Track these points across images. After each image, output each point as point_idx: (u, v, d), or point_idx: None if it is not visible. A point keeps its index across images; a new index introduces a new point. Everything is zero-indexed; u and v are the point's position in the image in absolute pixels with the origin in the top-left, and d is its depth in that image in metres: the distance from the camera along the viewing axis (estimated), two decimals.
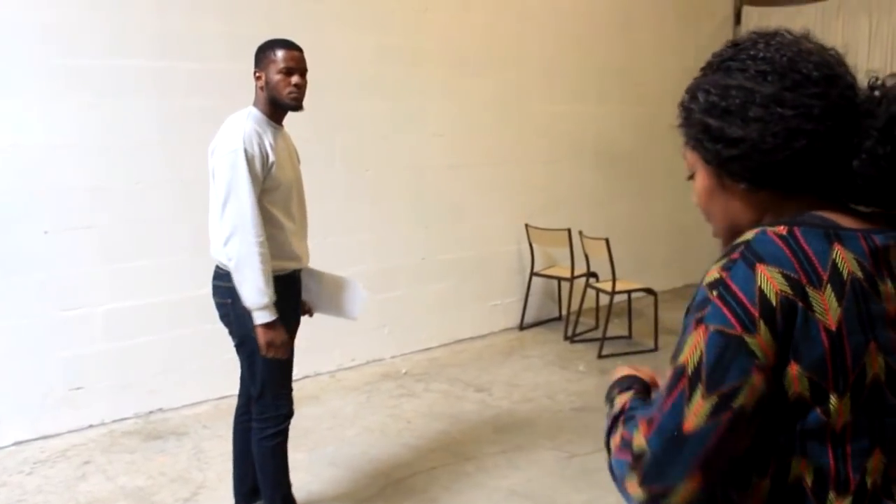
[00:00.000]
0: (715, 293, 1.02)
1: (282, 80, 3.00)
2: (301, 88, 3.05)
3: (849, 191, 1.11)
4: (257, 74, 3.05)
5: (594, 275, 6.15)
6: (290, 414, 3.27)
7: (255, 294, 2.90)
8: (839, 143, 1.06)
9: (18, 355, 4.17)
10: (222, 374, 4.75)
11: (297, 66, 3.04)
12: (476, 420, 4.60)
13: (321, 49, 4.91)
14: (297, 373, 4.23)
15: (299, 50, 3.07)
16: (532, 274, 6.35)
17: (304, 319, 3.37)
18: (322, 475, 3.90)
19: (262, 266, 2.89)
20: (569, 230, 5.98)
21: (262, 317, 2.93)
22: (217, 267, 3.11)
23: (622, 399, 1.18)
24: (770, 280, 1.00)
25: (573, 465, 4.05)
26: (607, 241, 5.67)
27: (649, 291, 5.96)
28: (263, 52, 3.06)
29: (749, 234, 1.06)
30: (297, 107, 3.06)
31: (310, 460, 4.05)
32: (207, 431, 4.37)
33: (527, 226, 6.26)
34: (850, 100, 1.07)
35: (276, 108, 3.06)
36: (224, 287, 3.04)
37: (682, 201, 7.72)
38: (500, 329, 6.35)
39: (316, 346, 4.87)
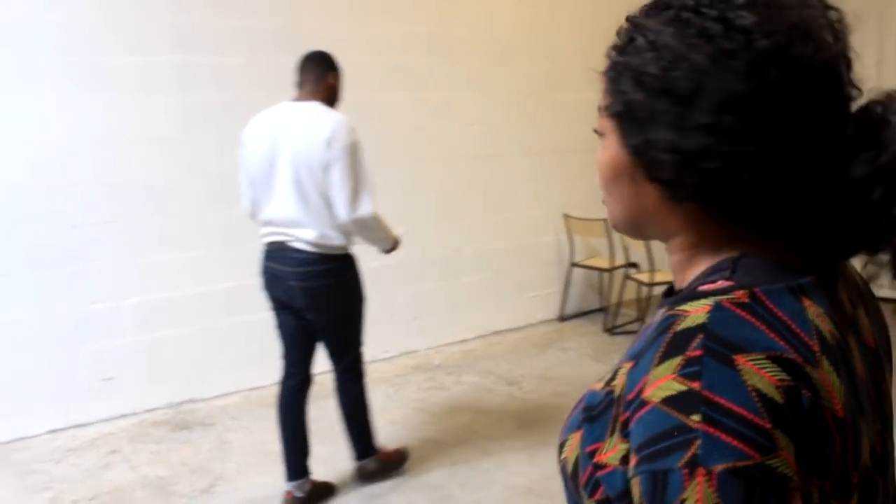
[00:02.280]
0: (697, 417, 0.68)
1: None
2: None
3: (789, 228, 0.81)
4: (333, 78, 3.37)
5: (634, 265, 6.03)
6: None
7: (394, 239, 3.52)
8: (802, 185, 0.77)
9: (51, 347, 4.27)
10: (252, 365, 4.82)
11: None
12: (502, 414, 4.55)
13: (347, 39, 4.91)
14: (328, 366, 4.28)
15: None
16: (571, 264, 6.26)
17: None
18: (339, 468, 3.89)
19: (384, 224, 3.42)
20: (607, 220, 5.85)
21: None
22: (309, 253, 3.26)
23: None
24: (762, 373, 0.69)
25: None
26: None
27: None
28: (337, 65, 3.42)
29: (697, 313, 0.73)
30: None
31: (329, 454, 4.05)
32: (233, 423, 4.43)
33: (565, 216, 6.16)
34: (842, 123, 0.77)
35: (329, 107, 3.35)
36: (328, 270, 3.30)
37: None
38: (539, 321, 6.28)
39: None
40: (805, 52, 0.74)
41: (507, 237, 6.01)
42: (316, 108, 3.25)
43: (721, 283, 0.76)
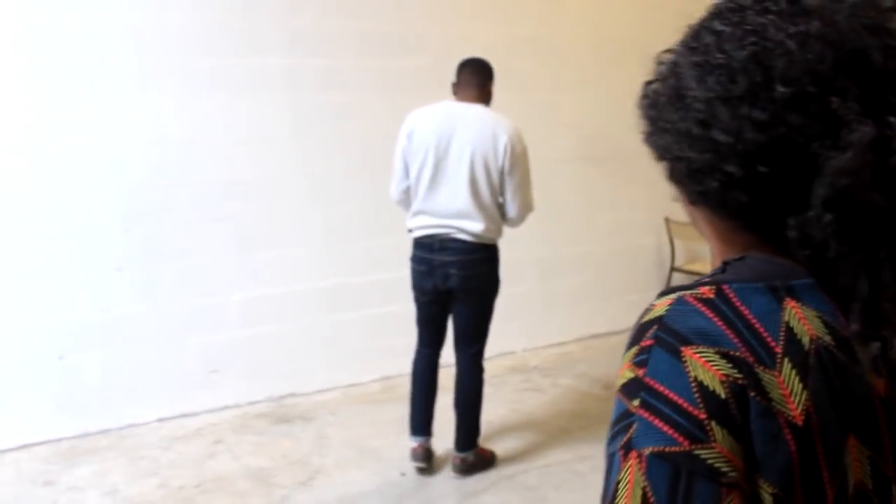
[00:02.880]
0: (636, 402, 0.71)
1: None
2: None
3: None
4: (491, 86, 3.70)
5: None
6: None
7: None
8: (770, 199, 0.75)
9: (162, 339, 4.45)
10: (351, 362, 4.93)
11: None
12: (598, 417, 4.50)
13: (453, 42, 4.95)
14: None
15: None
16: (672, 269, 6.15)
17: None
18: (435, 466, 3.93)
19: None
20: None
21: None
22: (472, 243, 3.57)
23: None
24: (707, 366, 0.70)
25: None
26: None
27: None
28: (494, 74, 3.73)
29: (660, 306, 0.76)
30: None
31: None
32: (332, 418, 4.52)
33: (667, 219, 6.06)
34: (812, 140, 0.71)
35: None
36: (485, 258, 3.64)
37: None
38: None
39: (447, 338, 4.94)
40: (786, 62, 0.71)
41: (607, 240, 5.96)
42: (488, 111, 3.58)
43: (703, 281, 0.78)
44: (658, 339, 0.73)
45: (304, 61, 4.61)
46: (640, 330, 0.76)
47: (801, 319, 0.73)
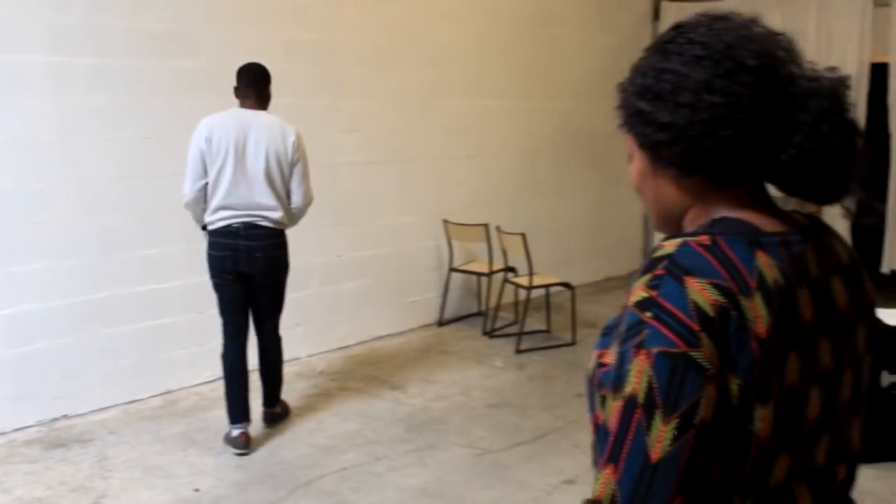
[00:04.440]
0: (649, 314, 0.98)
1: None
2: None
3: (780, 181, 1.10)
4: (270, 89, 4.15)
5: (512, 269, 6.18)
6: None
7: None
8: (769, 135, 1.05)
9: None
10: (129, 378, 4.69)
11: None
12: (389, 418, 4.58)
13: (230, 44, 4.84)
14: (208, 376, 4.10)
15: None
16: (450, 269, 6.35)
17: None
18: (228, 479, 3.83)
19: None
20: (486, 225, 5.99)
21: None
22: (272, 229, 4.09)
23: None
24: (702, 292, 0.98)
25: (484, 462, 4.06)
26: (523, 236, 5.70)
27: (567, 286, 6.00)
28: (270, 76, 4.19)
29: (670, 247, 1.03)
30: None
31: (217, 464, 3.99)
32: (113, 437, 4.27)
33: (445, 221, 6.25)
34: (784, 90, 1.05)
35: None
36: (282, 242, 4.20)
37: (600, 197, 7.83)
38: (419, 325, 6.34)
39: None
40: (748, 48, 1.04)
41: (388, 243, 6.05)
42: (273, 116, 4.09)
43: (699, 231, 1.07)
44: (668, 270, 1.00)
45: (70, 60, 4.32)
46: (653, 262, 1.02)
47: (767, 266, 1.02)
